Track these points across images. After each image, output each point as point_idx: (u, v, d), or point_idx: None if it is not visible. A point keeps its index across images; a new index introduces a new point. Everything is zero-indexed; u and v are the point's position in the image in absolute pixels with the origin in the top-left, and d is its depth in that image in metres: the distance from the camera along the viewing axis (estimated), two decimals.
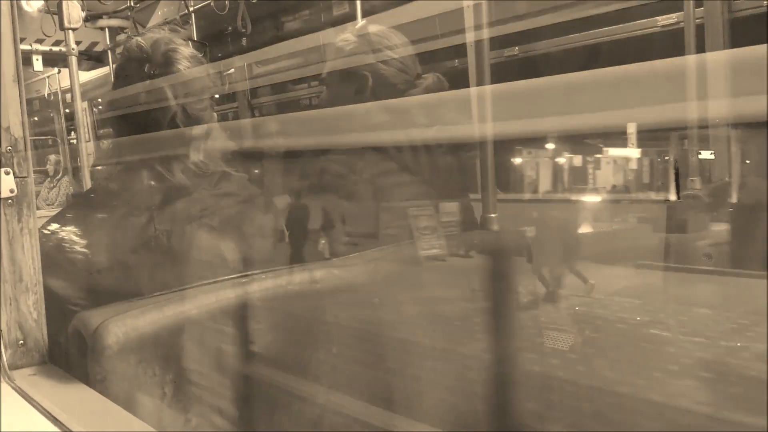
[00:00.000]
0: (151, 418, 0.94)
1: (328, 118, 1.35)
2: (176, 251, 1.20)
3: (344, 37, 1.39)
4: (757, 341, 0.90)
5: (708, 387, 0.80)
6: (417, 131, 1.29)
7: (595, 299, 1.09)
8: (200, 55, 1.35)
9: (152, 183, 1.25)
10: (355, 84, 1.34)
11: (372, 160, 1.32)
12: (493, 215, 1.84)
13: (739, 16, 4.59)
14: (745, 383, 0.79)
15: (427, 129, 1.29)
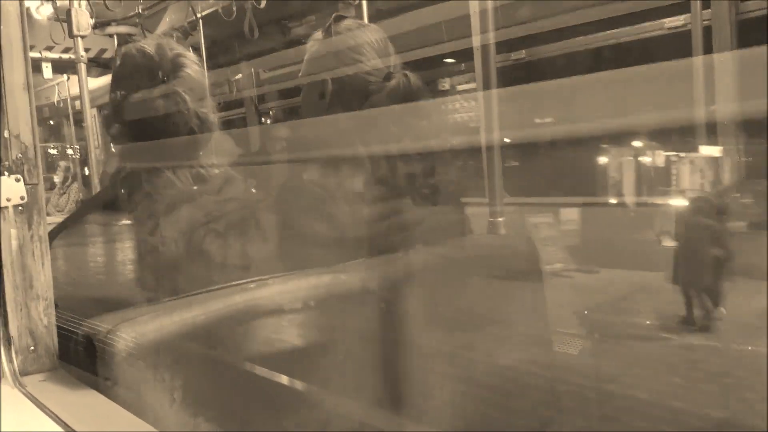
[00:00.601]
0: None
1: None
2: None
3: (313, 37, 1.36)
4: None
5: None
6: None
7: None
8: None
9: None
10: (317, 88, 1.31)
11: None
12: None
13: (746, 18, 4.57)
14: None
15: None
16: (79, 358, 0.98)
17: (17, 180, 0.95)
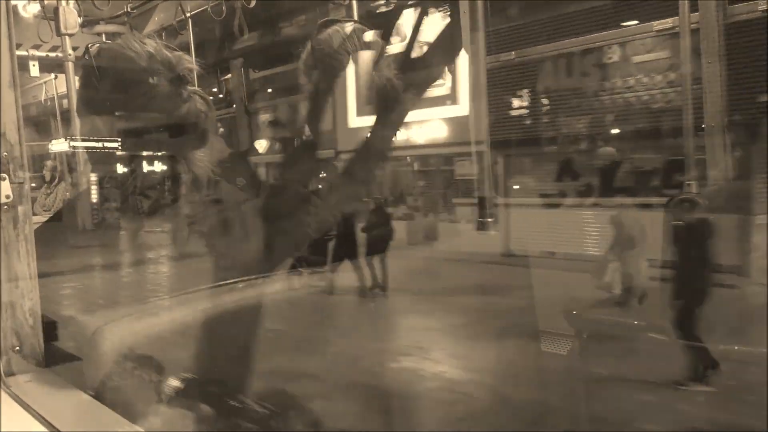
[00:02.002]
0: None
1: None
2: None
3: (305, 47, 1.43)
4: None
5: None
6: None
7: None
8: None
9: None
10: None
11: None
12: None
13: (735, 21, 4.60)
14: None
15: None
16: None
17: (2, 179, 0.94)
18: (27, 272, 0.98)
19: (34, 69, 7.23)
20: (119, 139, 1.37)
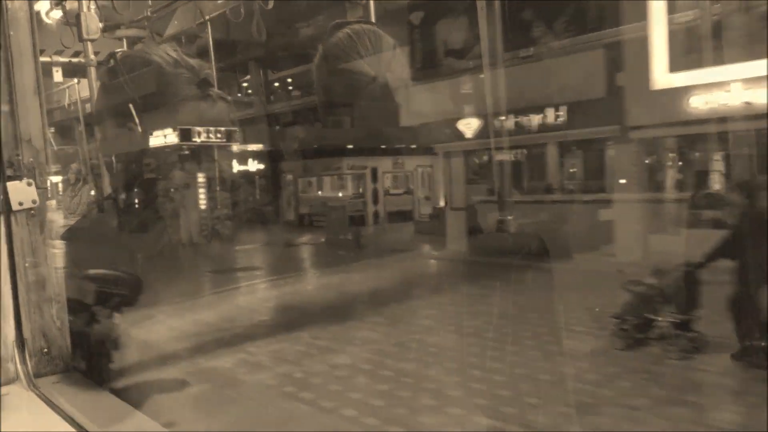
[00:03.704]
0: None
1: None
2: None
3: (318, 50, 1.42)
4: None
5: None
6: None
7: None
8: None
9: None
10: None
11: None
12: None
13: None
14: None
15: None
16: None
17: (29, 184, 0.96)
18: (53, 275, 0.99)
19: (58, 74, 7.34)
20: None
